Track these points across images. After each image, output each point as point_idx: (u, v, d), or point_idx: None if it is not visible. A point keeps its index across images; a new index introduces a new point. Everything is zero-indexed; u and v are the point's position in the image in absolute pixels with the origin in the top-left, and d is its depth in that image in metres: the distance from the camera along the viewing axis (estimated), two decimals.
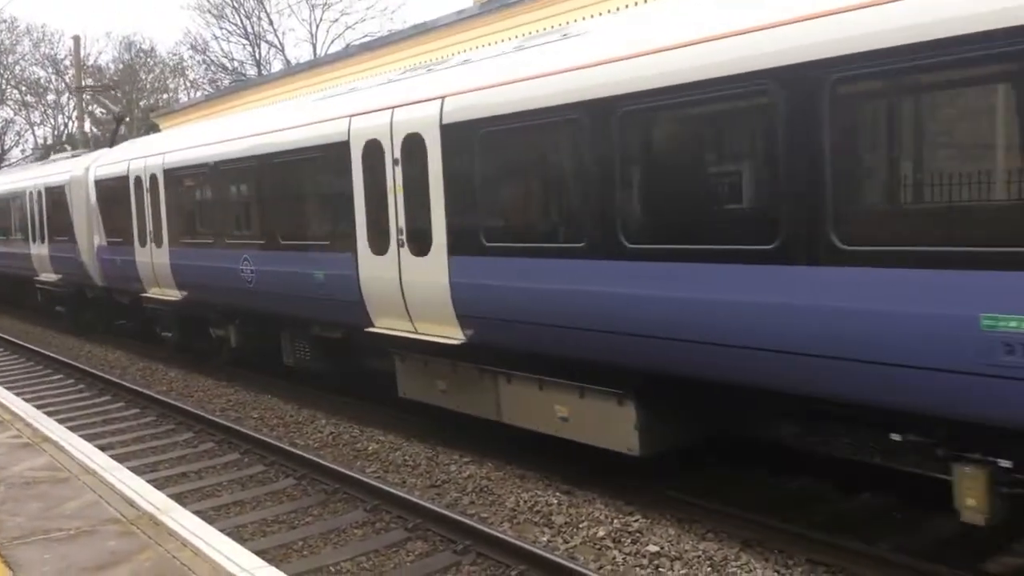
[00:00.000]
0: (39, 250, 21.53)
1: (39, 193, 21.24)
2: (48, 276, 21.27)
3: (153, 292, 15.75)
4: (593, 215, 7.40)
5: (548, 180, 8.17)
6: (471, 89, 8.67)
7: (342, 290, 10.57)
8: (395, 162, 9.59)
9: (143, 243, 15.68)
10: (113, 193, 16.95)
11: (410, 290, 9.53)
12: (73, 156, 21.98)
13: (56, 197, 19.99)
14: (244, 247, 12.52)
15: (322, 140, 10.78)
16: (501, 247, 8.32)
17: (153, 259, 15.34)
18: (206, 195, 13.83)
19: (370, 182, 10.00)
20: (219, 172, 13.18)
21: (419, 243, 9.29)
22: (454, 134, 8.76)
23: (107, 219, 17.47)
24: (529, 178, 8.37)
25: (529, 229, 8.24)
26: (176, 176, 14.55)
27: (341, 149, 10.39)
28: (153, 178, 15.19)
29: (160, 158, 15.06)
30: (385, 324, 10.14)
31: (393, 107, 9.69)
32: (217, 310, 14.14)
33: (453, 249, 8.83)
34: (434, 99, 9.10)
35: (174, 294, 14.95)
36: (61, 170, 20.30)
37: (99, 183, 17.74)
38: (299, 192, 11.57)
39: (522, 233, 8.23)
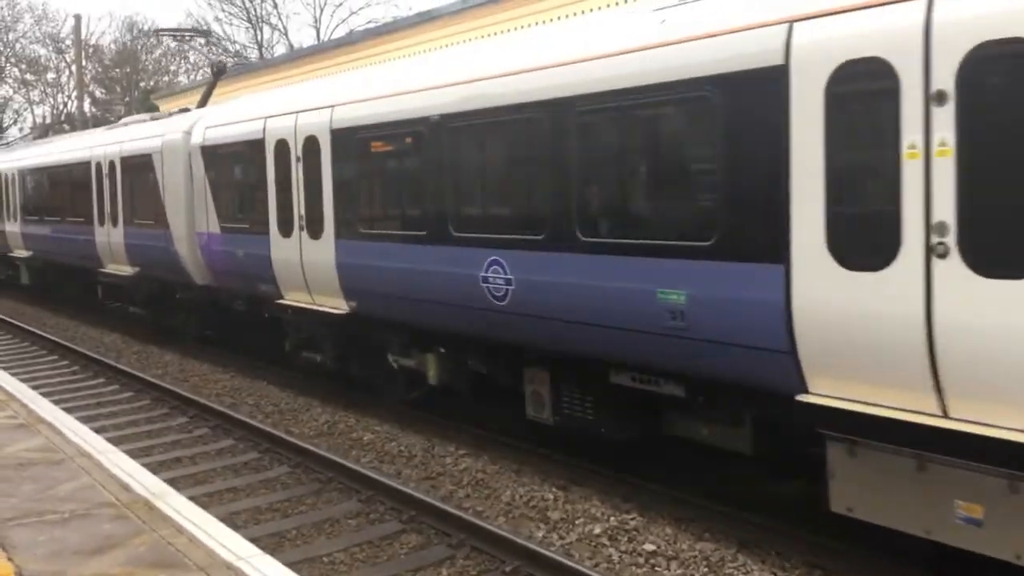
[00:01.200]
0: (108, 236, 17.50)
1: (111, 164, 17.14)
2: (119, 268, 17.30)
3: (296, 299, 11.85)
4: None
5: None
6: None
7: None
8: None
9: (286, 232, 11.63)
10: (235, 163, 13.14)
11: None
12: (157, 119, 17.53)
13: (138, 169, 15.99)
14: (493, 244, 8.56)
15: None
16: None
17: (304, 255, 11.35)
18: (418, 165, 9.60)
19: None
20: (451, 130, 9.03)
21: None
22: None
23: (223, 198, 13.50)
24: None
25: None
26: (357, 138, 10.36)
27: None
28: (311, 142, 11.03)
29: (325, 114, 10.86)
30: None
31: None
32: (413, 331, 10.26)
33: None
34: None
35: (337, 305, 11.03)
36: (145, 134, 16.04)
37: (210, 150, 13.63)
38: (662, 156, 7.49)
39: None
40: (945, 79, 5.32)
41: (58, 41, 58.76)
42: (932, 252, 5.41)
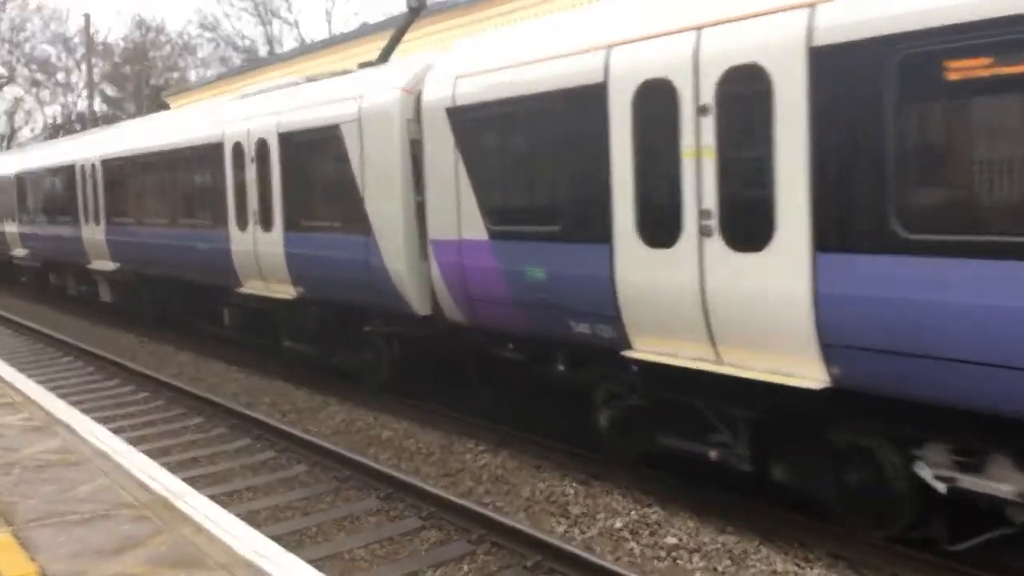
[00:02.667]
0: (249, 243, 13.00)
1: (261, 144, 12.47)
2: (272, 289, 12.73)
3: (671, 354, 7.41)
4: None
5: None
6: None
7: None
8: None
9: (656, 238, 7.30)
10: (532, 129, 8.40)
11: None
12: (319, 79, 12.67)
13: (309, 148, 11.66)
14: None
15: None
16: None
17: (684, 278, 7.09)
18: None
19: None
20: None
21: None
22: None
23: (494, 187, 8.97)
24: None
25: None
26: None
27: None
28: (769, 79, 6.41)
29: (790, 30, 6.31)
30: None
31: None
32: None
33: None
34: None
35: (812, 374, 6.41)
36: (322, 98, 11.53)
37: (470, 112, 9.03)
38: None
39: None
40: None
41: (67, 40, 59.01)
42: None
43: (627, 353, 7.69)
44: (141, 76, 56.05)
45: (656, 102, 7.13)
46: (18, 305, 24.03)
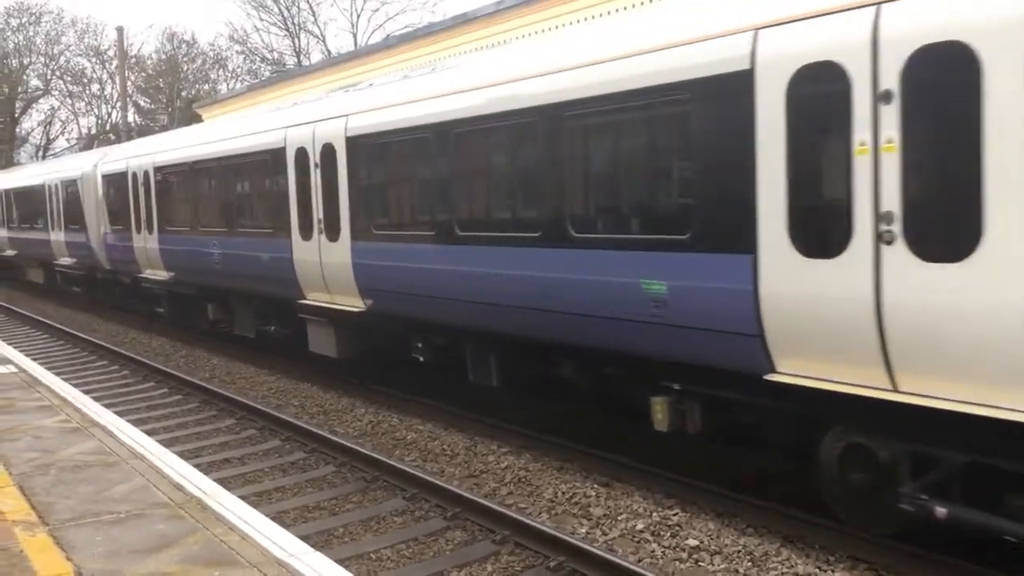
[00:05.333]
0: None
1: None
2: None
3: None
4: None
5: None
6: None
7: None
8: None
9: None
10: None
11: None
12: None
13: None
14: None
15: None
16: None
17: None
18: None
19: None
20: None
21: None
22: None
23: None
24: None
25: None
26: None
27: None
28: None
29: None
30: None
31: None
32: None
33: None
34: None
35: None
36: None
37: None
38: None
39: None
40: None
41: (101, 53, 60.00)
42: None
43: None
44: (173, 88, 56.84)
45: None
46: (52, 310, 24.50)
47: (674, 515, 7.51)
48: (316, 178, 12.06)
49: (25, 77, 59.98)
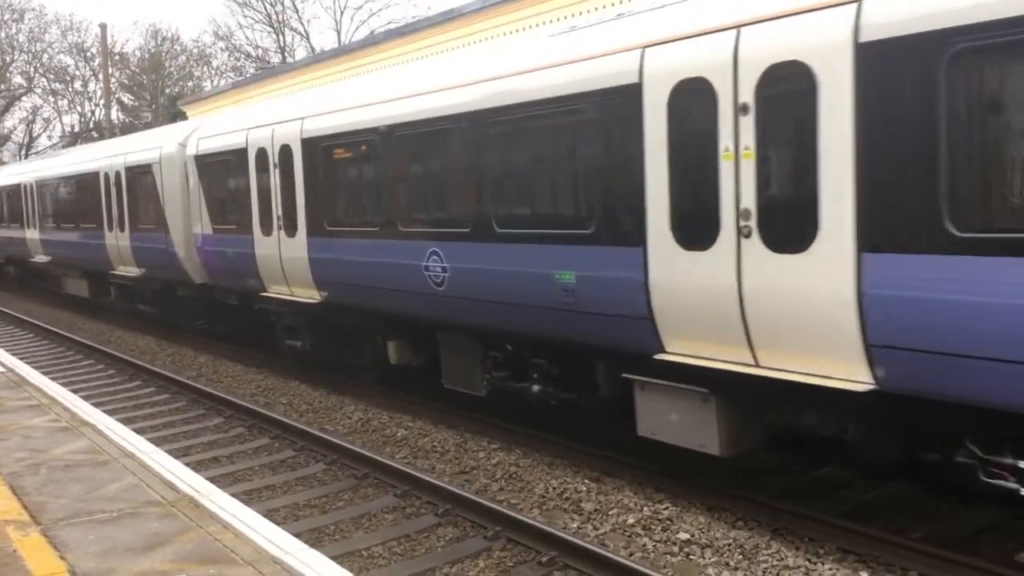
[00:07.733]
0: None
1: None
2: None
3: None
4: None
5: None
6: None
7: None
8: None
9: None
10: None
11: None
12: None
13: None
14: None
15: None
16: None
17: None
18: None
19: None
20: None
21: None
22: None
23: None
24: None
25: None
26: None
27: None
28: None
29: None
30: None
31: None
32: None
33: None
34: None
35: None
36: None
37: None
38: None
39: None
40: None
41: (84, 50, 59.56)
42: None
43: None
44: (157, 85, 56.51)
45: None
46: (37, 309, 24.33)
47: (665, 509, 7.57)
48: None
49: (8, 75, 59.47)
